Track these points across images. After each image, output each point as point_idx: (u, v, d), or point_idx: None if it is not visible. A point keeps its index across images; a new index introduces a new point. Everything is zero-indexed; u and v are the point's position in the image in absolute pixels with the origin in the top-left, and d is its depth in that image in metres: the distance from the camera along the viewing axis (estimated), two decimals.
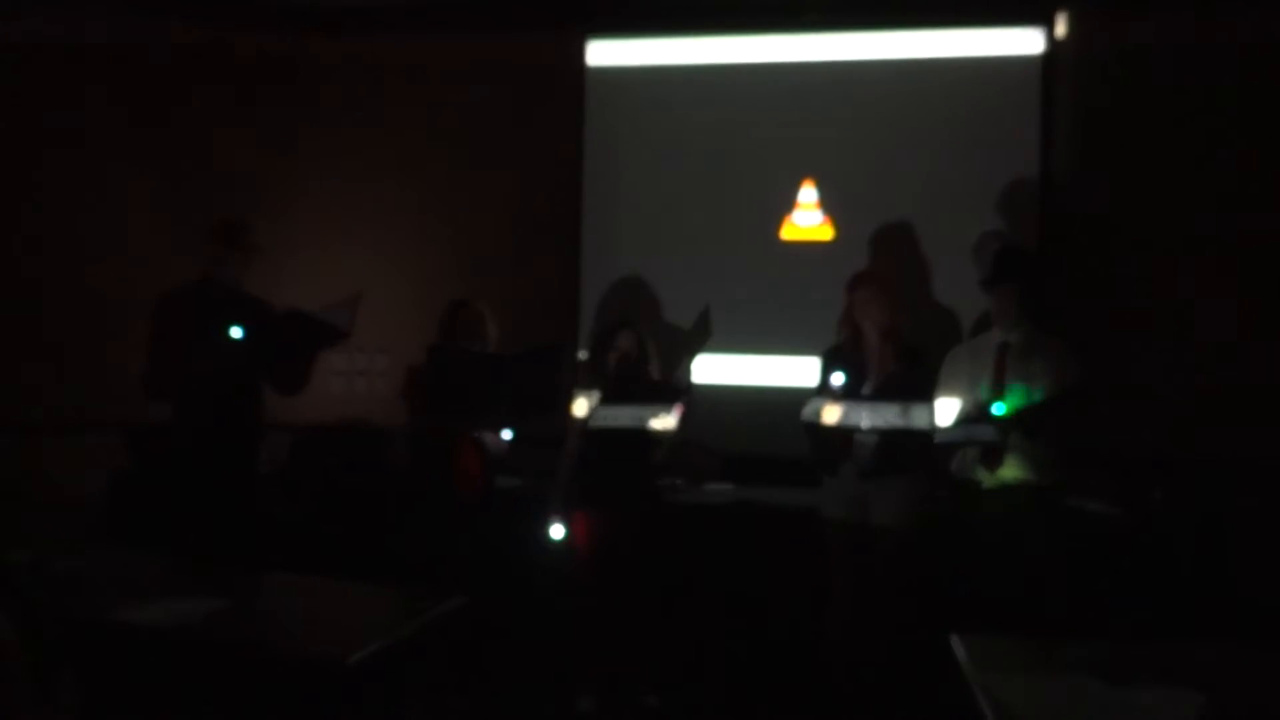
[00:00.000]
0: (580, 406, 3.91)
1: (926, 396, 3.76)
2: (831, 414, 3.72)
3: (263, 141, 5.17)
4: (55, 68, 4.97)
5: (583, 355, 4.35)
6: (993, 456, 3.73)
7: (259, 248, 3.83)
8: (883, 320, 3.79)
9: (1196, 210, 4.42)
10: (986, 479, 3.76)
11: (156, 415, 3.81)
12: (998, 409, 3.68)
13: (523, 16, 5.06)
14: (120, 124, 5.06)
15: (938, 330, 4.48)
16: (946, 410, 3.81)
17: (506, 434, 3.99)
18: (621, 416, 3.84)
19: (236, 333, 3.56)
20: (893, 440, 3.72)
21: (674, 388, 4.10)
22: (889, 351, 3.80)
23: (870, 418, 3.72)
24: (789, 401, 4.09)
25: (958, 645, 2.44)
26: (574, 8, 5.00)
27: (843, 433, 3.74)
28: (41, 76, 4.97)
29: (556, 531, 3.91)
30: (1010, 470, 3.69)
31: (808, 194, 4.76)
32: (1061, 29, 4.56)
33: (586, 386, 3.95)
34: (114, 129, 5.04)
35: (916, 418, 3.71)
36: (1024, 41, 4.59)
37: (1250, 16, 4.37)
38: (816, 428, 3.78)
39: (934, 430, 3.73)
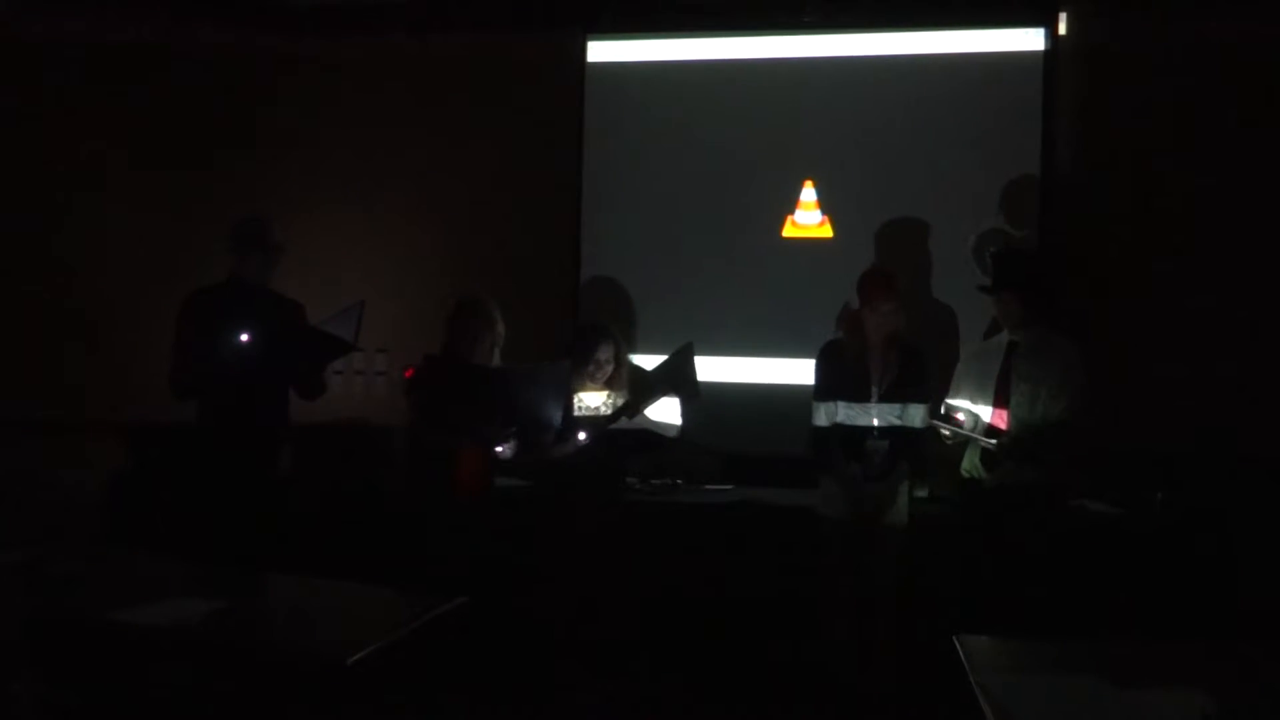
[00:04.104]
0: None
1: (929, 398, 3.79)
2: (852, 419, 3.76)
3: (263, 141, 5.17)
4: (55, 68, 4.98)
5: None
6: (994, 457, 3.74)
7: (283, 247, 3.85)
8: (899, 329, 3.79)
9: (1197, 208, 4.42)
10: (988, 479, 3.76)
11: (157, 416, 3.81)
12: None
13: (523, 15, 5.06)
14: (121, 124, 5.06)
15: (938, 329, 4.48)
16: (955, 410, 3.84)
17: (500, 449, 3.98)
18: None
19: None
20: (902, 443, 3.74)
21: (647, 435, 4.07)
22: (893, 354, 3.80)
23: (884, 420, 3.74)
24: (789, 401, 4.09)
25: (959, 645, 2.43)
26: (574, 7, 5.00)
27: (856, 438, 3.75)
28: (41, 75, 4.97)
29: None
30: (1012, 471, 3.69)
31: (808, 193, 4.76)
32: (1063, 28, 4.56)
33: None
34: (115, 129, 5.05)
35: (924, 419, 3.73)
36: (1025, 40, 4.59)
37: (1250, 16, 4.37)
38: (826, 434, 3.79)
39: (939, 431, 3.76)
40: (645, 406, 3.97)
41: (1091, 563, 3.81)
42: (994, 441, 3.70)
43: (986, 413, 3.79)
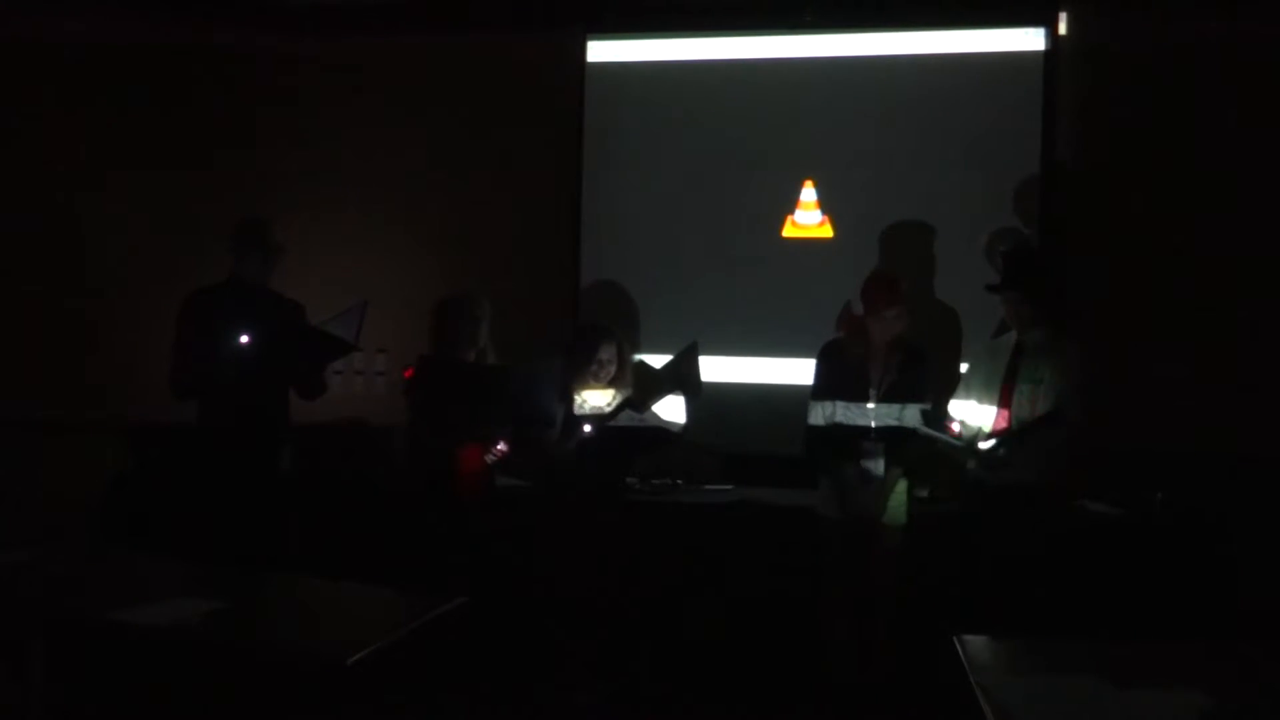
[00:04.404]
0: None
1: (929, 399, 3.80)
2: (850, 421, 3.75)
3: (262, 141, 5.17)
4: (56, 68, 4.98)
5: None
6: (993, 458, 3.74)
7: (283, 247, 3.86)
8: (902, 333, 3.79)
9: (1197, 209, 4.42)
10: (989, 479, 3.76)
11: (157, 416, 3.81)
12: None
13: (523, 15, 5.06)
14: (121, 124, 5.06)
15: (939, 330, 4.48)
16: (962, 411, 3.83)
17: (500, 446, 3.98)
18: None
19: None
20: (901, 444, 3.75)
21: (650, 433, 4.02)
22: (894, 356, 3.80)
23: (882, 422, 3.74)
24: (789, 401, 4.09)
25: (959, 645, 2.43)
26: (574, 7, 5.00)
27: (854, 438, 3.75)
28: (42, 77, 4.97)
29: None
30: (1012, 470, 3.69)
31: (808, 193, 4.77)
32: (1063, 28, 4.56)
33: (565, 393, 3.96)
34: (115, 129, 5.05)
35: (926, 421, 3.73)
36: (1025, 40, 4.59)
37: (1250, 16, 4.37)
38: (823, 434, 3.79)
39: (940, 433, 3.76)
40: (652, 403, 3.96)
41: (1091, 563, 3.81)
42: (983, 447, 3.70)
43: (990, 413, 3.78)
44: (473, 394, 3.86)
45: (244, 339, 3.62)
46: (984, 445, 3.72)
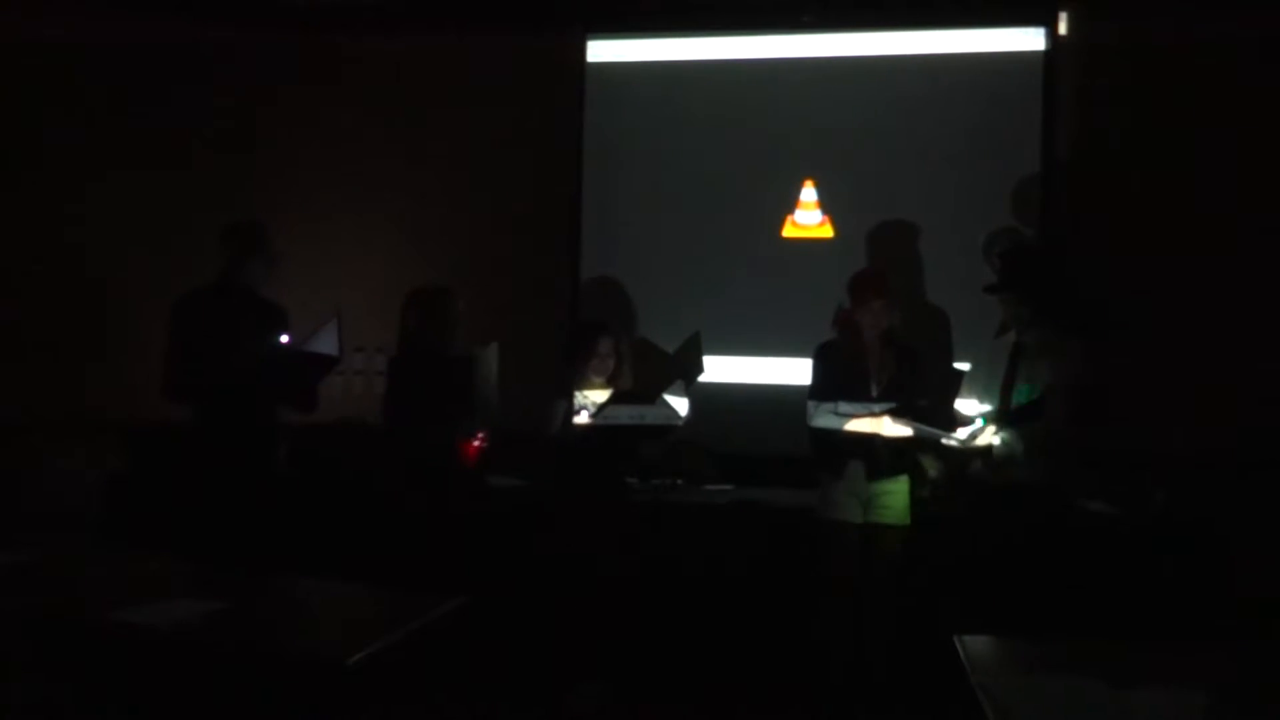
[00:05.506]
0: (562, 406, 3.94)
1: (931, 396, 3.79)
2: (854, 418, 3.74)
3: (263, 141, 5.17)
4: (55, 67, 4.98)
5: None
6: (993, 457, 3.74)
7: (277, 254, 3.83)
8: (889, 325, 3.80)
9: (1197, 209, 4.42)
10: (990, 478, 3.75)
11: (157, 416, 3.81)
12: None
13: (523, 15, 5.06)
14: (120, 124, 5.06)
15: (935, 330, 4.48)
16: (966, 412, 3.83)
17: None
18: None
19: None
20: (903, 442, 3.74)
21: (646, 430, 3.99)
22: (888, 352, 3.80)
23: (887, 421, 3.74)
24: (789, 401, 4.09)
25: (959, 645, 2.43)
26: (574, 7, 5.00)
27: (857, 437, 3.75)
28: (41, 76, 4.97)
29: None
30: (1012, 470, 3.68)
31: (808, 193, 4.77)
32: (1063, 28, 4.57)
33: (564, 390, 3.95)
34: (114, 129, 5.05)
35: (928, 419, 3.73)
36: (1026, 40, 4.59)
37: (1250, 16, 4.37)
38: (828, 433, 3.78)
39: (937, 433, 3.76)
40: (655, 391, 3.95)
41: (1091, 563, 3.80)
42: (961, 434, 3.70)
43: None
44: (445, 386, 3.85)
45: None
46: (961, 432, 3.71)
